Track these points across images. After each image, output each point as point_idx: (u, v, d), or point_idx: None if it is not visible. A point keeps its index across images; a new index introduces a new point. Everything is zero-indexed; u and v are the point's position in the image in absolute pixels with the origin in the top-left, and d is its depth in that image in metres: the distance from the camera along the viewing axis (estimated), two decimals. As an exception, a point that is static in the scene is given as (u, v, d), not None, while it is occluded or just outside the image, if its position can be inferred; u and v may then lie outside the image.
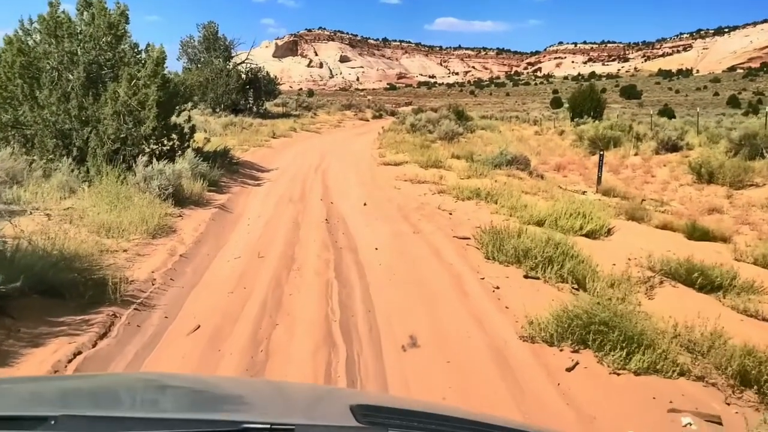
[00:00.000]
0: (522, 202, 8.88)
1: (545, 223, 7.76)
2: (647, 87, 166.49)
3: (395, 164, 13.71)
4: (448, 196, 9.68)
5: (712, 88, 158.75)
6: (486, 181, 11.39)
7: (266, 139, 19.80)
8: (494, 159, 12.53)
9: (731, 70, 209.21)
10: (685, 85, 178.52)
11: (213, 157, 11.48)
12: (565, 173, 14.05)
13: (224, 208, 7.95)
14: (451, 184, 10.83)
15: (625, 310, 3.57)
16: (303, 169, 13.12)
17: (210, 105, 31.28)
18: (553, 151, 19.48)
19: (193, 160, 8.91)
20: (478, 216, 8.30)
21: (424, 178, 11.19)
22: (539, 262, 5.14)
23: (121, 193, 6.69)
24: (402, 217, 7.56)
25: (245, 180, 10.97)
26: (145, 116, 8.95)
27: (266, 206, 8.37)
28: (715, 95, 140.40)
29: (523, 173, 12.37)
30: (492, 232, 5.91)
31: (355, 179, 11.68)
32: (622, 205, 9.60)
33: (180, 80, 11.34)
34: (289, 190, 10.01)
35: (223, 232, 6.58)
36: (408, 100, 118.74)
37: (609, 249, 6.97)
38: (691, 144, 15.62)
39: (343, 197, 9.68)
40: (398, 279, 4.85)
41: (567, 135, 27.02)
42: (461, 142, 18.60)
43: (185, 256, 5.35)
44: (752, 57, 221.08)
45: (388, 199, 9.30)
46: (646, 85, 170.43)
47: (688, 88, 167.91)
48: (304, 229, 6.74)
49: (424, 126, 20.66)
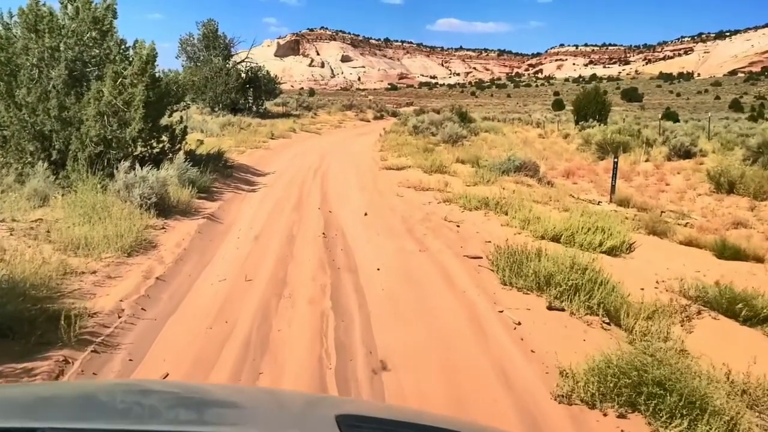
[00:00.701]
0: (534, 213, 8.26)
1: (561, 238, 7.15)
2: (648, 90, 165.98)
3: (397, 168, 13.10)
4: (455, 205, 9.07)
5: (713, 92, 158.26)
6: (494, 188, 10.78)
7: (264, 139, 19.18)
8: (502, 165, 11.92)
9: (732, 74, 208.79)
10: (686, 88, 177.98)
11: (205, 160, 10.87)
12: (574, 180, 13.43)
13: (213, 218, 7.33)
14: (457, 191, 10.22)
15: (681, 364, 2.95)
16: (301, 172, 12.50)
17: (209, 104, 30.69)
18: (559, 155, 18.86)
19: (182, 165, 8.29)
20: (488, 228, 7.69)
21: (428, 185, 10.58)
22: (564, 290, 4.53)
23: (98, 202, 6.06)
24: (406, 231, 6.94)
25: (239, 185, 10.35)
26: (131, 117, 8.33)
27: (259, 216, 7.75)
28: (717, 99, 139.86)
29: (531, 180, 11.76)
30: (508, 253, 5.29)
31: (356, 184, 11.06)
32: (641, 217, 8.99)
33: (171, 79, 10.71)
34: (285, 197, 9.39)
35: (210, 247, 5.95)
36: (409, 101, 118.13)
37: (633, 269, 6.35)
38: (704, 150, 15.02)
39: (343, 205, 9.07)
40: (404, 310, 4.23)
41: (572, 138, 26.42)
42: (465, 146, 17.98)
43: (163, 279, 4.72)
44: (753, 61, 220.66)
45: (391, 208, 8.68)
46: (647, 88, 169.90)
47: (689, 92, 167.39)
48: (298, 245, 6.12)
49: (427, 128, 20.05)
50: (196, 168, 8.99)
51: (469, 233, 7.27)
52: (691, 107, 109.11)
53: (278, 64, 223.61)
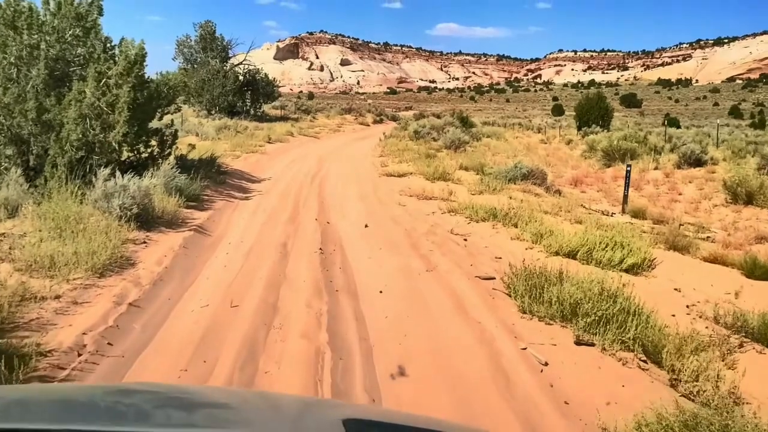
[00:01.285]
0: (546, 226, 7.71)
1: (578, 255, 6.61)
2: (647, 96, 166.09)
3: (399, 175, 12.56)
4: (460, 216, 8.52)
5: (711, 98, 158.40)
6: (501, 197, 10.24)
7: (261, 144, 18.64)
8: (508, 172, 11.38)
9: (730, 81, 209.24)
10: (684, 94, 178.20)
11: (197, 166, 10.32)
12: (582, 188, 12.90)
13: (201, 230, 6.76)
14: (462, 200, 9.68)
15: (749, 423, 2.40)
16: (298, 178, 11.95)
17: (206, 107, 30.21)
18: (564, 162, 18.34)
19: (169, 172, 7.72)
20: (497, 243, 7.14)
21: (431, 194, 10.03)
22: (593, 322, 3.98)
23: (72, 214, 5.50)
24: (410, 245, 6.39)
25: (232, 192, 9.79)
26: (115, 120, 7.78)
27: (252, 227, 7.19)
28: (715, 105, 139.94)
29: (539, 189, 11.22)
30: (526, 276, 4.74)
31: (355, 192, 10.52)
32: (658, 230, 8.45)
33: (162, 80, 10.17)
34: (280, 206, 8.84)
35: (195, 264, 5.39)
36: (408, 105, 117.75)
37: (658, 290, 5.80)
38: (715, 158, 14.52)
39: (342, 215, 8.52)
40: (412, 345, 3.67)
41: (576, 145, 25.93)
42: (468, 151, 17.46)
43: (137, 305, 4.16)
44: (752, 68, 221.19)
45: (393, 218, 8.13)
46: (646, 94, 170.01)
47: (687, 98, 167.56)
48: (293, 262, 5.56)
49: (428, 133, 19.52)
50: (185, 175, 8.43)
51: (477, 248, 6.72)
52: (690, 113, 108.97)
53: (277, 67, 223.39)
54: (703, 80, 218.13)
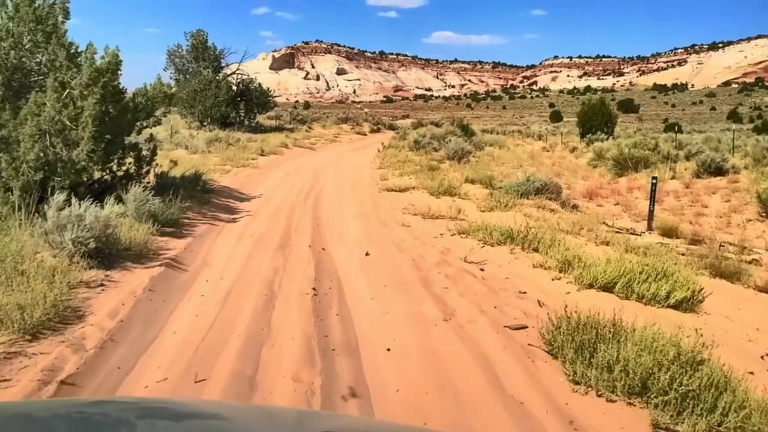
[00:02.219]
0: (572, 251, 6.76)
1: (616, 287, 5.65)
2: (643, 101, 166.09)
3: (400, 190, 11.62)
4: (473, 239, 7.56)
5: (707, 103, 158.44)
6: (514, 215, 9.29)
7: (253, 157, 17.69)
8: (519, 186, 10.44)
9: (726, 85, 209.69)
10: (681, 99, 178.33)
11: (178, 184, 9.36)
12: (599, 202, 11.98)
13: (175, 264, 5.79)
14: (473, 219, 8.73)
15: None
16: (291, 195, 10.98)
17: (198, 118, 29.31)
18: (573, 172, 17.43)
19: (141, 195, 6.74)
20: (519, 272, 6.18)
21: (438, 212, 9.08)
22: (672, 399, 3.01)
23: (10, 252, 4.52)
24: (420, 281, 5.42)
25: (217, 214, 8.82)
26: (79, 136, 6.82)
27: (236, 258, 6.21)
28: (712, 110, 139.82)
29: (554, 204, 10.28)
30: (569, 330, 3.77)
31: (354, 211, 9.56)
32: (696, 251, 7.50)
33: (140, 91, 9.23)
34: (270, 230, 7.86)
35: (160, 314, 4.41)
36: (405, 113, 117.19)
37: (717, 333, 4.84)
38: (736, 166, 13.63)
39: (339, 239, 7.55)
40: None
41: (581, 152, 25.07)
42: (472, 162, 16.54)
43: (71, 381, 3.17)
44: (747, 72, 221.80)
45: (397, 243, 7.16)
46: (642, 99, 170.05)
47: (684, 103, 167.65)
48: (280, 308, 4.58)
49: (429, 143, 18.61)
50: (160, 197, 7.45)
51: (497, 280, 5.76)
52: (688, 118, 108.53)
53: (273, 77, 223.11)
54: (698, 85, 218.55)
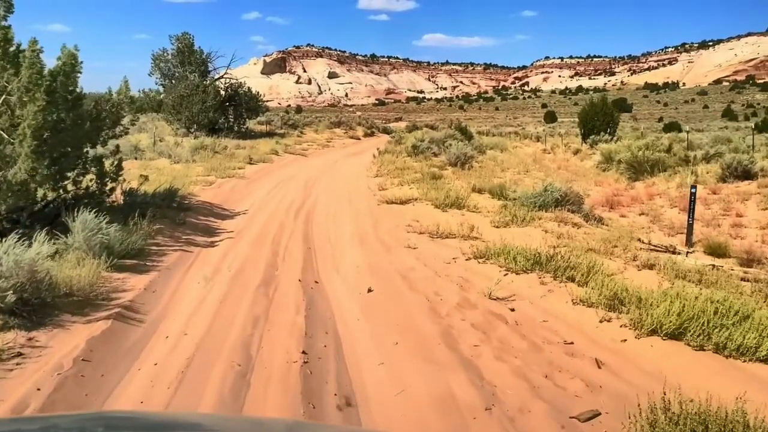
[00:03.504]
0: (616, 281, 5.60)
1: (686, 334, 4.49)
2: (635, 100, 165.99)
3: (401, 202, 10.43)
4: (493, 264, 6.40)
5: (699, 101, 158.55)
6: (532, 231, 8.15)
7: (241, 165, 16.46)
8: (536, 198, 9.28)
9: (717, 83, 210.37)
10: (672, 98, 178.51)
11: (150, 203, 8.14)
12: (622, 212, 10.86)
13: (128, 314, 4.57)
14: (488, 237, 7.57)
15: None
16: (279, 211, 9.77)
17: (185, 124, 28.12)
18: (582, 176, 16.33)
19: (92, 222, 5.52)
20: (556, 311, 5.02)
21: (447, 229, 7.91)
22: None
23: None
24: (442, 336, 4.22)
25: (192, 237, 7.60)
26: (17, 152, 5.60)
27: (206, 303, 5.00)
28: (705, 108, 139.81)
29: (577, 217, 9.13)
30: (670, 422, 2.59)
31: (351, 230, 8.37)
32: (755, 276, 6.36)
33: (103, 97, 8.02)
34: (253, 257, 6.66)
35: (92, 398, 3.20)
36: (398, 116, 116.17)
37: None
38: (765, 169, 12.56)
39: (335, 268, 6.37)
40: None
41: (585, 155, 24.02)
42: (475, 168, 15.39)
43: None
44: (737, 70, 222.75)
45: (405, 274, 5.98)
46: (634, 99, 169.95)
47: (676, 101, 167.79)
48: (256, 390, 3.36)
49: (428, 147, 17.45)
50: (121, 222, 6.24)
51: (534, 326, 4.59)
52: (683, 117, 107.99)
53: (265, 81, 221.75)
54: (690, 83, 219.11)
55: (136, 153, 18.58)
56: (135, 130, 28.57)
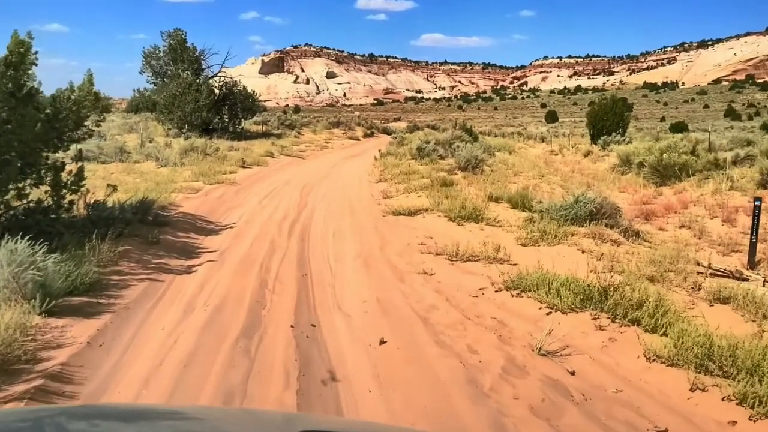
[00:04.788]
0: (695, 326, 4.39)
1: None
2: (635, 100, 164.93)
3: (410, 213, 9.21)
4: (530, 297, 5.19)
5: (699, 101, 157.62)
6: (568, 251, 6.93)
7: (232, 169, 15.24)
8: (566, 209, 8.05)
9: (717, 83, 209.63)
10: (672, 97, 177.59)
11: (118, 217, 6.90)
12: (658, 223, 9.66)
13: (54, 389, 3.33)
14: (519, 260, 6.37)
15: None
16: (271, 226, 8.53)
17: (177, 124, 26.93)
18: (600, 180, 15.10)
19: (24, 253, 4.27)
20: (629, 373, 3.82)
21: (468, 248, 6.69)
22: None
23: None
24: (492, 429, 2.99)
25: (166, 261, 6.35)
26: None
27: (166, 366, 3.75)
28: (706, 107, 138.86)
29: (614, 232, 7.90)
30: None
31: (354, 250, 7.13)
32: None
33: (62, 94, 6.77)
34: (235, 291, 5.42)
35: None
36: (397, 116, 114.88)
37: None
38: (809, 174, 11.34)
39: (336, 303, 5.15)
40: None
41: (597, 156, 22.81)
42: (486, 173, 14.17)
43: None
44: (737, 69, 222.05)
45: (425, 317, 4.75)
46: (634, 98, 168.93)
47: (675, 101, 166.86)
48: None
49: (434, 150, 16.23)
50: (72, 247, 5.00)
51: (609, 405, 3.38)
52: (684, 116, 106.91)
53: (263, 81, 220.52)
54: (689, 83, 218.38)
55: (121, 155, 17.35)
56: (125, 131, 27.38)
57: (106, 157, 16.99)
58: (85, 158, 16.54)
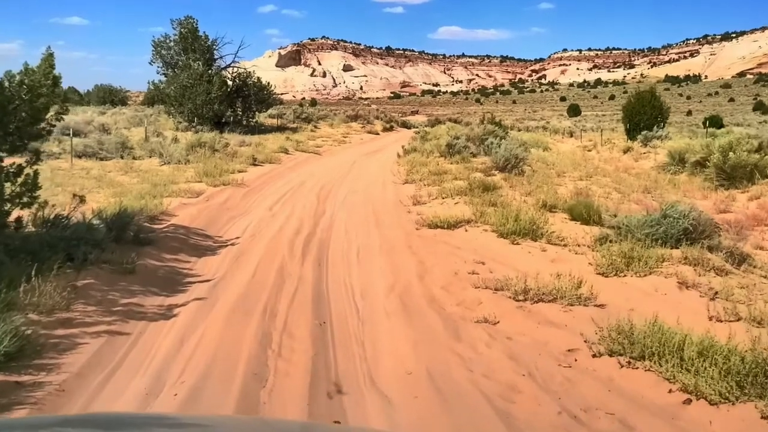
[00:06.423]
0: None
1: None
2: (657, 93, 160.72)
3: (449, 226, 7.55)
4: (649, 371, 3.54)
5: (723, 94, 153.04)
6: (664, 284, 5.26)
7: (241, 168, 13.73)
8: (652, 226, 6.34)
9: (741, 76, 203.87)
10: (695, 91, 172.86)
11: (79, 239, 5.36)
12: (754, 240, 7.92)
13: None
14: (608, 299, 4.72)
15: None
16: (282, 243, 6.92)
17: (187, 117, 25.56)
18: (654, 182, 13.29)
19: None
20: None
21: (540, 283, 5.03)
22: None
23: None
24: None
25: (137, 301, 4.77)
26: None
27: None
28: (731, 101, 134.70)
29: (716, 257, 6.17)
30: None
31: (385, 281, 5.51)
32: None
33: (11, 78, 5.24)
34: (224, 352, 3.85)
35: None
36: (414, 109, 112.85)
37: None
38: None
39: (367, 378, 3.56)
40: None
41: (638, 154, 20.90)
42: (527, 173, 12.44)
43: None
44: (762, 62, 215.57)
45: (506, 409, 3.13)
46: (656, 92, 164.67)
47: (699, 94, 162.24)
48: None
49: (465, 147, 14.53)
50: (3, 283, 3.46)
51: None
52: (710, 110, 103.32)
53: (280, 74, 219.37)
54: (712, 76, 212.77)
55: (122, 151, 15.94)
56: (134, 124, 26.04)
57: (107, 153, 15.57)
58: (83, 154, 15.16)
